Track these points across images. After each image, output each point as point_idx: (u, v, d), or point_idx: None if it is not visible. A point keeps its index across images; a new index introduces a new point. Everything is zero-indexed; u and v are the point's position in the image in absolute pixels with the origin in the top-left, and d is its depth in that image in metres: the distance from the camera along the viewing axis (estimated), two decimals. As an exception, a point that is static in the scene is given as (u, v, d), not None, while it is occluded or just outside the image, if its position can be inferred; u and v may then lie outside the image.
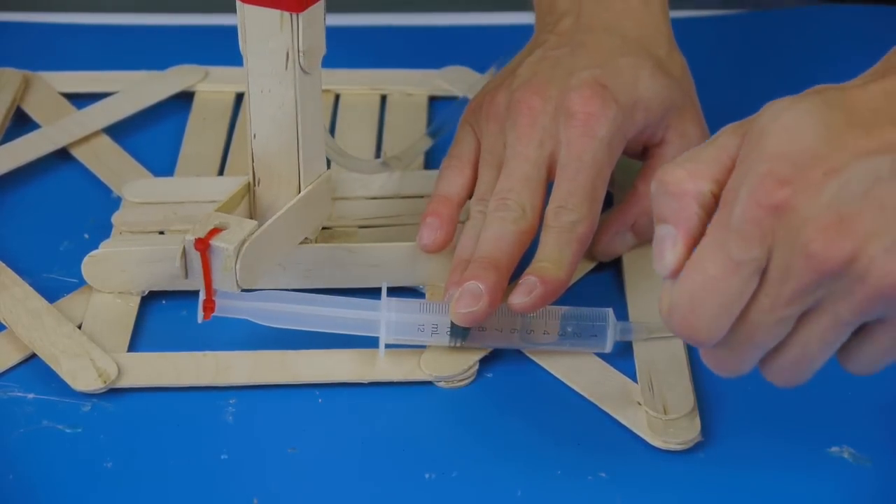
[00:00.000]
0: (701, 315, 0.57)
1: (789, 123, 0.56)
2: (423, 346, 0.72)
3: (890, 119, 0.55)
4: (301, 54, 0.68)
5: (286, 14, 0.67)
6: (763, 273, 0.56)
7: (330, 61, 0.73)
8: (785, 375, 0.60)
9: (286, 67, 0.69)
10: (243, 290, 0.69)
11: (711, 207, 0.58)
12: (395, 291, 0.74)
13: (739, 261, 0.56)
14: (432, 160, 0.86)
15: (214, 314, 0.70)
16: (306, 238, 0.75)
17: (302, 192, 0.72)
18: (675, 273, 0.58)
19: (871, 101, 0.56)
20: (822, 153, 0.55)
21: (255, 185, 0.72)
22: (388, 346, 0.70)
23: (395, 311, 0.70)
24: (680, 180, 0.58)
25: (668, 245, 0.59)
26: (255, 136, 0.71)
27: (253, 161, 0.72)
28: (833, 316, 0.57)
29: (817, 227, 0.54)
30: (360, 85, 0.91)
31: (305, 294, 0.71)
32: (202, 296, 0.69)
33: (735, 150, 0.58)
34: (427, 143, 0.85)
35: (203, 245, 0.67)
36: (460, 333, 0.71)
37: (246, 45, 0.69)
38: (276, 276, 0.74)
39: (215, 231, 0.68)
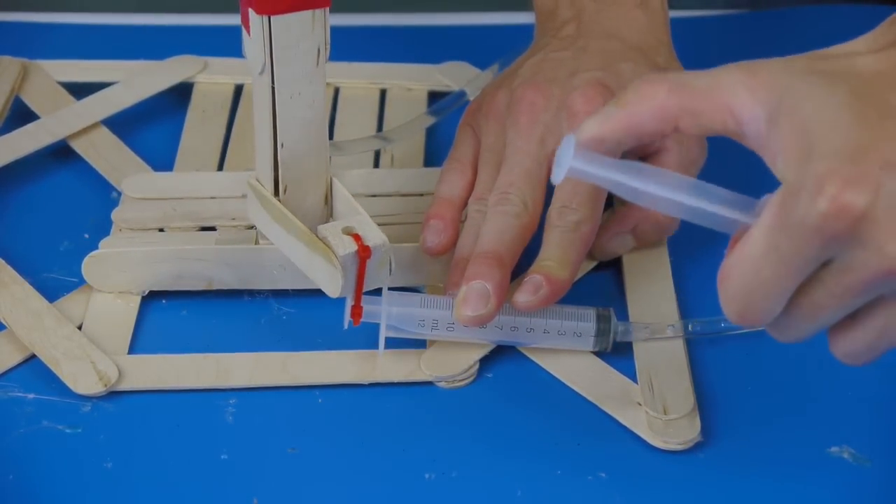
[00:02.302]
0: (749, 307, 0.57)
1: (830, 118, 0.55)
2: (423, 347, 0.72)
3: None
4: (328, 46, 0.68)
5: (318, 12, 0.67)
6: (826, 263, 0.56)
7: (331, 56, 0.73)
8: (856, 356, 0.59)
9: (317, 64, 0.69)
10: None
11: (661, 130, 0.58)
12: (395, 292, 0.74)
13: (794, 264, 0.55)
14: (433, 159, 0.86)
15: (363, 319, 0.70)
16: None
17: (335, 182, 0.72)
18: (582, 142, 0.58)
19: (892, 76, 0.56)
20: (871, 145, 0.54)
21: (280, 194, 0.72)
22: (387, 340, 0.70)
23: (397, 304, 0.70)
24: (656, 86, 0.58)
25: (599, 118, 0.58)
26: (282, 145, 0.70)
27: (277, 171, 0.71)
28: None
29: (890, 230, 0.54)
30: (359, 79, 0.90)
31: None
32: (350, 302, 0.69)
33: (730, 97, 0.57)
34: (427, 121, 0.85)
35: (366, 251, 0.67)
36: (603, 344, 0.71)
37: (272, 58, 0.67)
38: (275, 277, 0.74)
39: (357, 237, 0.68)
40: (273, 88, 0.68)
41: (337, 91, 0.90)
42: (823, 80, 0.56)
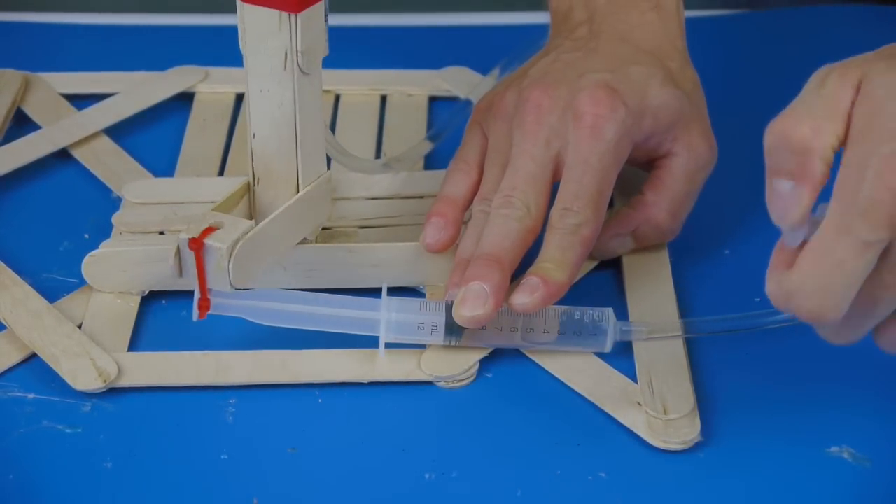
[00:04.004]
0: (829, 297, 0.58)
1: None
2: (423, 346, 0.72)
3: None
4: (299, 55, 0.68)
5: (284, 14, 0.67)
6: (886, 250, 0.57)
7: (330, 61, 0.73)
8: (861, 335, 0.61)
9: (284, 68, 0.69)
10: (237, 290, 0.69)
11: (831, 162, 0.58)
12: (394, 292, 0.74)
13: (867, 242, 0.56)
14: (433, 160, 0.86)
15: (210, 312, 0.70)
16: (305, 238, 0.75)
17: (300, 193, 0.72)
18: (798, 226, 0.59)
19: None
20: None
21: (254, 184, 0.73)
22: (387, 345, 0.71)
23: (396, 311, 0.70)
24: (806, 138, 0.58)
25: (795, 202, 0.58)
26: (254, 135, 0.71)
27: (252, 160, 0.72)
28: None
29: None
30: (360, 85, 0.91)
31: (306, 293, 0.71)
32: (197, 294, 0.69)
33: (847, 103, 0.58)
34: (427, 147, 0.85)
35: (197, 244, 0.67)
36: (456, 332, 0.71)
37: (245, 44, 0.69)
38: (276, 276, 0.74)
39: (209, 230, 0.68)
40: (247, 75, 0.69)
41: (337, 98, 0.90)
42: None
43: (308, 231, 0.74)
